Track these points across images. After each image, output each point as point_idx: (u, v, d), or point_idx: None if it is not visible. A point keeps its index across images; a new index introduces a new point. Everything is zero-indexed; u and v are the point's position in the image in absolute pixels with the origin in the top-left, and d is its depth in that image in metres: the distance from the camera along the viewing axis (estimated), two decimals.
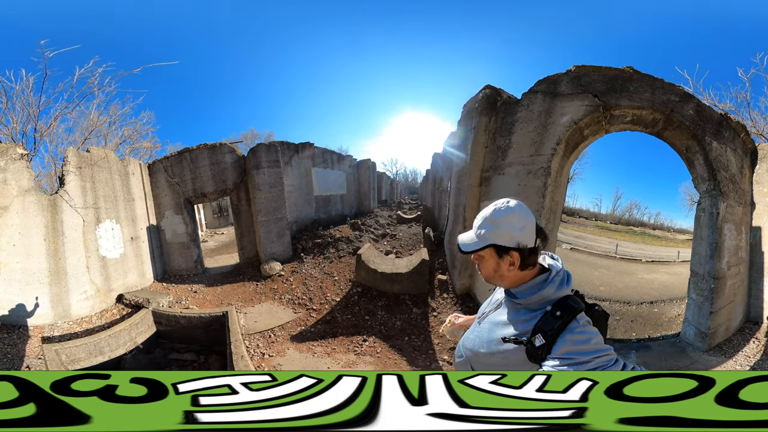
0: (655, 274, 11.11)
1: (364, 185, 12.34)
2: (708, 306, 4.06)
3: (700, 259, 4.29)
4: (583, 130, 4.18)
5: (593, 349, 0.97)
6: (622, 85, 4.00)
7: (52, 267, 4.89)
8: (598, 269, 11.45)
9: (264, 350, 4.23)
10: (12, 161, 4.64)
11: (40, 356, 4.04)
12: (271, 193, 7.13)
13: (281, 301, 5.55)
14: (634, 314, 7.33)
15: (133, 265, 6.28)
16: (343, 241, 7.25)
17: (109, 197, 5.89)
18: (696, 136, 4.02)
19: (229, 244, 11.88)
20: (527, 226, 1.09)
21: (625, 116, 4.12)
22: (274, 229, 7.18)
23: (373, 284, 5.45)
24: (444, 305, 4.88)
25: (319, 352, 4.17)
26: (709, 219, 4.15)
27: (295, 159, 8.64)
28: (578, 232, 24.75)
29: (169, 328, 5.29)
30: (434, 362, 3.89)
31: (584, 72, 4.10)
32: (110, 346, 4.72)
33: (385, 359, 4.00)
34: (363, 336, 4.50)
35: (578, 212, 40.15)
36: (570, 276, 1.15)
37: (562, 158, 4.24)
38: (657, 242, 24.60)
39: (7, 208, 4.55)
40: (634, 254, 15.37)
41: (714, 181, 4.08)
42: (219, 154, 7.14)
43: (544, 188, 4.11)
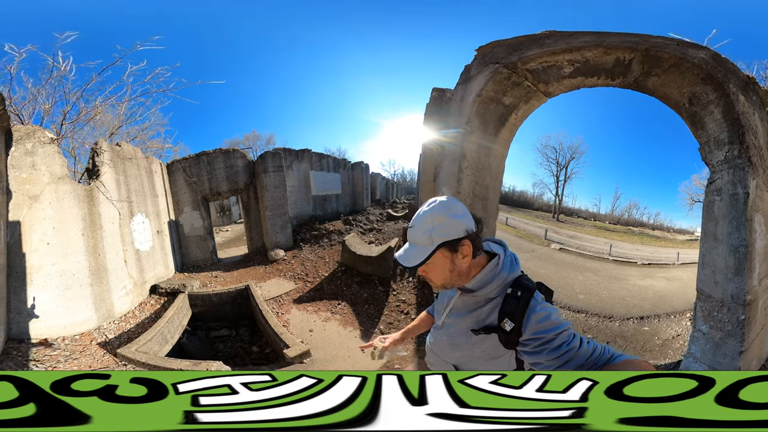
0: (651, 280, 9.50)
1: (358, 185, 13.74)
2: (735, 344, 2.67)
3: (715, 275, 2.79)
4: (497, 99, 3.82)
5: (555, 325, 1.00)
6: (533, 43, 3.40)
7: (92, 265, 4.46)
8: (584, 273, 10.09)
9: (277, 310, 5.71)
10: (41, 144, 4.05)
11: (124, 363, 3.71)
12: (276, 193, 8.41)
13: (285, 277, 7.09)
14: (615, 333, 5.76)
15: (159, 257, 6.44)
16: (335, 234, 8.69)
17: (139, 192, 5.95)
18: (713, 78, 2.74)
19: (234, 239, 12.98)
20: (466, 211, 1.09)
21: (560, 66, 3.33)
22: (279, 223, 8.46)
23: (353, 265, 6.73)
24: (404, 287, 5.92)
25: (310, 310, 5.75)
26: (731, 205, 2.67)
27: (296, 163, 9.95)
28: (573, 231, 24.68)
29: (203, 308, 5.96)
30: (375, 326, 5.12)
31: (488, 50, 3.81)
32: (170, 332, 4.75)
33: (347, 317, 5.44)
34: (338, 301, 5.97)
35: (577, 212, 40.25)
36: (517, 257, 1.17)
37: (482, 136, 4.00)
38: (656, 243, 24.51)
39: (37, 198, 3.94)
40: (629, 256, 14.23)
41: (740, 144, 2.65)
42: (232, 159, 8.28)
43: (459, 172, 3.99)
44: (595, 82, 3.42)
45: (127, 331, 4.59)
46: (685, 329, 5.57)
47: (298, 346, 4.20)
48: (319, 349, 4.41)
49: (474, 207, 4.17)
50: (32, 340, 3.89)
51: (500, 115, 3.97)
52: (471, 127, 3.95)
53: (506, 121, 4.03)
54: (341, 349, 4.49)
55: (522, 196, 43.88)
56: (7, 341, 3.76)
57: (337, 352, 4.40)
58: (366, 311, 5.55)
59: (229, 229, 16.20)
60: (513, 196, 44.20)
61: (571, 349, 0.97)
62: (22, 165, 3.95)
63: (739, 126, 2.68)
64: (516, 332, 1.02)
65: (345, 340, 4.74)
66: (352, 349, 4.45)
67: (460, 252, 1.06)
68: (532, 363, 1.03)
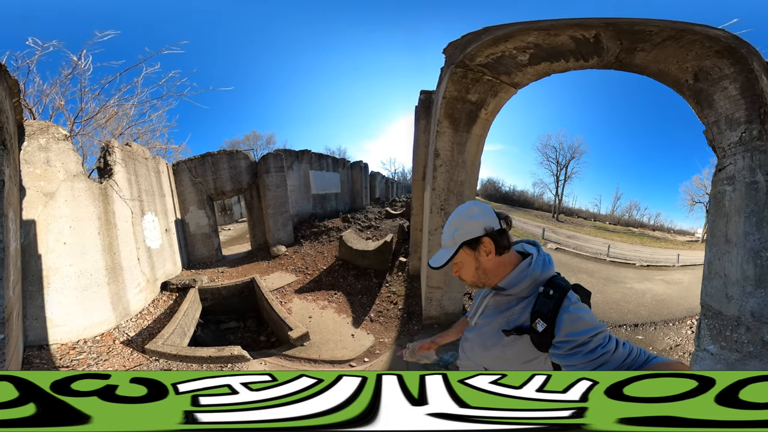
0: (649, 283, 9.02)
1: (357, 184, 14.11)
2: (759, 366, 2.17)
3: (727, 287, 2.23)
4: (462, 98, 3.86)
5: (590, 326, 0.98)
6: (475, 39, 3.32)
7: (109, 264, 4.42)
8: (578, 274, 9.70)
9: (281, 299, 6.11)
10: (55, 141, 3.94)
11: (155, 358, 3.72)
12: (278, 192, 8.82)
13: (287, 270, 7.55)
14: None
15: (168, 255, 6.54)
16: (334, 230, 9.10)
17: (149, 191, 6.04)
18: (734, 51, 2.30)
19: (237, 237, 13.41)
20: (485, 211, 1.13)
21: (512, 56, 3.18)
22: (280, 220, 8.90)
23: (350, 259, 7.18)
24: (396, 280, 6.35)
25: (310, 299, 6.20)
26: (748, 196, 2.16)
27: (296, 164, 10.29)
28: (572, 231, 24.63)
29: (213, 302, 6.27)
30: (366, 314, 5.52)
31: (449, 51, 3.80)
32: (187, 325, 4.88)
33: (342, 306, 5.87)
34: (335, 291, 6.41)
35: (577, 212, 40.25)
36: (551, 257, 1.17)
37: (454, 134, 4.13)
38: (656, 244, 24.43)
39: (53, 195, 3.83)
40: (628, 257, 13.91)
41: (762, 125, 2.19)
42: (236, 159, 8.59)
43: (434, 170, 4.22)
44: (565, 66, 3.18)
45: (146, 328, 4.62)
46: (685, 339, 5.24)
47: (299, 328, 4.63)
48: (316, 333, 4.90)
49: (449, 202, 4.41)
50: (51, 345, 3.78)
51: (469, 112, 4.04)
52: (441, 127, 4.08)
53: (477, 117, 4.11)
54: (334, 333, 4.99)
55: (522, 196, 43.93)
56: (26, 349, 3.63)
57: (330, 336, 4.89)
58: (359, 300, 6.00)
59: (231, 227, 16.49)
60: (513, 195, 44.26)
61: (607, 352, 0.95)
62: (36, 161, 3.80)
63: (762, 103, 2.22)
64: (549, 333, 1.00)
65: (338, 325, 5.23)
66: (343, 334, 4.99)
67: (482, 249, 1.11)
68: (567, 366, 1.00)
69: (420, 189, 5.86)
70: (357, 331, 5.03)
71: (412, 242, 6.26)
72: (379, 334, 4.92)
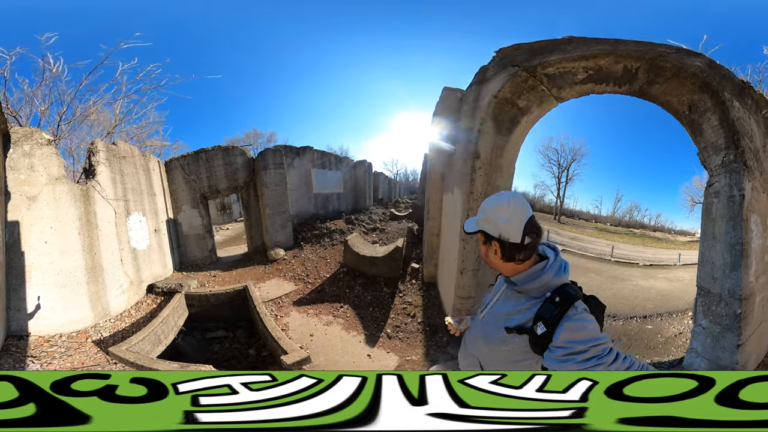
0: (653, 281, 9.71)
1: (361, 184, 13.43)
2: (733, 337, 2.85)
3: (714, 271, 3.02)
4: (512, 101, 3.86)
5: (590, 337, 0.99)
6: (555, 48, 3.48)
7: (89, 263, 4.51)
8: (587, 273, 10.20)
9: (276, 312, 5.48)
10: (38, 146, 4.15)
11: (114, 361, 3.74)
12: (277, 191, 8.24)
13: (285, 278, 6.84)
14: (620, 332, 6.07)
15: (157, 256, 6.38)
16: (337, 233, 8.48)
17: (136, 190, 5.92)
18: (709, 86, 2.94)
19: (235, 237, 12.86)
20: (513, 221, 1.11)
21: (575, 72, 3.43)
22: (279, 221, 8.30)
23: (356, 265, 6.43)
24: (410, 289, 5.70)
25: (311, 313, 5.48)
26: (728, 206, 2.92)
27: (297, 161, 9.70)
28: (575, 233, 24.58)
29: (200, 309, 5.80)
30: (381, 330, 4.90)
31: (509, 52, 3.83)
32: (164, 333, 4.71)
33: (350, 321, 5.17)
34: (341, 303, 5.66)
35: (578, 214, 40.20)
36: (567, 265, 1.17)
37: (495, 137, 4.04)
38: (657, 244, 24.42)
39: (35, 198, 4.05)
40: (631, 257, 14.28)
41: (735, 149, 2.87)
42: (231, 156, 8.06)
43: (473, 172, 3.98)
44: (603, 89, 3.52)
45: (121, 330, 4.60)
46: (687, 327, 5.64)
47: (296, 352, 3.97)
48: (320, 354, 4.23)
49: None
50: (31, 337, 3.97)
51: (513, 117, 3.98)
52: (486, 127, 3.94)
53: (518, 123, 4.04)
54: (344, 354, 4.26)
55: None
56: (7, 338, 3.83)
57: (339, 358, 4.19)
58: (371, 314, 5.31)
59: (230, 227, 16.15)
60: None
61: (602, 364, 0.96)
62: (21, 166, 4.03)
63: (734, 132, 2.89)
64: (547, 337, 1.02)
65: (348, 345, 4.50)
66: (357, 354, 4.23)
67: (491, 246, 1.16)
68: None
69: (437, 191, 5.34)
70: (373, 350, 4.38)
71: (427, 248, 5.72)
72: (402, 351, 4.31)
